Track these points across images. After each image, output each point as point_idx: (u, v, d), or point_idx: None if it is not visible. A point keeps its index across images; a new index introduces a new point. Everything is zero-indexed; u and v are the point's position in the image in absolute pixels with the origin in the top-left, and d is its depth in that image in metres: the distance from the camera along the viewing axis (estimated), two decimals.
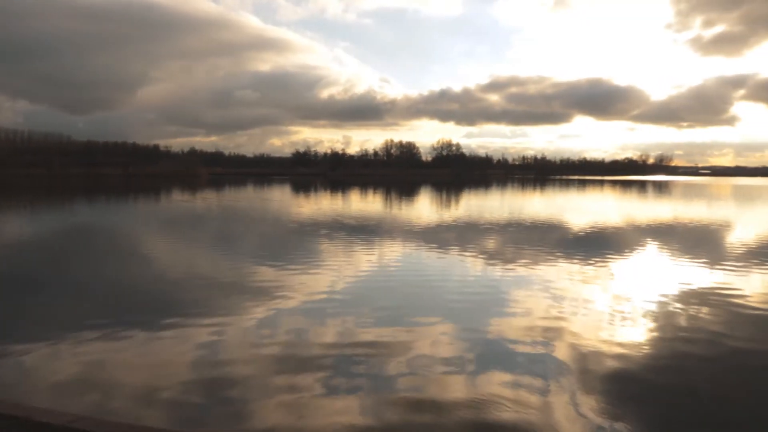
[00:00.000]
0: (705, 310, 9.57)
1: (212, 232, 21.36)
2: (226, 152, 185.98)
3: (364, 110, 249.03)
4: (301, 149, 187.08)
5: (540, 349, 7.45)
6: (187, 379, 6.30)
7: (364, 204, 38.72)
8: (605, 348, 7.49)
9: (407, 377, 6.42)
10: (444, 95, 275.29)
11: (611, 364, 6.93)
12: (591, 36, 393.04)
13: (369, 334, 8.00)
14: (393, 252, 15.87)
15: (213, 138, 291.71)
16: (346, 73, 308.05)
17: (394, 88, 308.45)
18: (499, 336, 8.00)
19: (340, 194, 52.98)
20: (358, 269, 13.14)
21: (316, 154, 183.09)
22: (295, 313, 9.12)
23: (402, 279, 12.11)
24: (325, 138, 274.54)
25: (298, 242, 18.30)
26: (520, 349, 7.46)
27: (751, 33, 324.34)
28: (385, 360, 6.96)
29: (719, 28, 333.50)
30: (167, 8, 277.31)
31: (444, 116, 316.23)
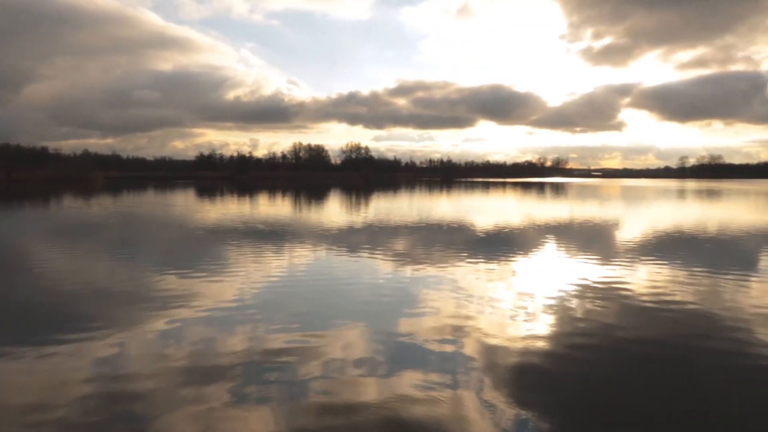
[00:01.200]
0: (598, 302, 10.27)
1: (109, 240, 20.15)
2: (124, 155, 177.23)
3: (271, 112, 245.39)
4: (206, 152, 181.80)
5: (450, 346, 7.67)
6: (84, 398, 5.91)
7: (273, 208, 38.09)
8: (510, 342, 7.85)
9: (321, 381, 6.39)
10: (352, 98, 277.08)
11: (516, 356, 7.27)
12: (493, 44, 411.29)
13: (281, 340, 7.88)
14: (304, 256, 15.73)
15: (109, 140, 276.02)
16: (253, 74, 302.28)
17: (302, 91, 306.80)
18: (411, 335, 8.15)
19: (247, 198, 51.76)
20: (268, 275, 12.90)
21: (221, 157, 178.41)
22: (203, 323, 8.81)
23: (313, 283, 12.03)
24: (231, 140, 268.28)
25: (204, 249, 17.68)
26: (431, 347, 7.65)
27: (635, 45, 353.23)
28: (298, 365, 6.89)
29: (607, 40, 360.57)
30: (55, 1, 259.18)
31: (353, 119, 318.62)
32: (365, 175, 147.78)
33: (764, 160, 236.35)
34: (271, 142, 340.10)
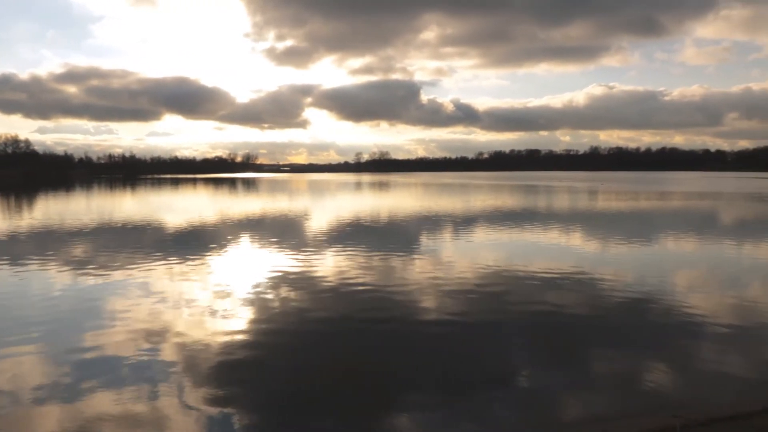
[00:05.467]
0: (292, 290, 10.91)
1: None
2: None
3: None
4: None
5: (146, 354, 7.22)
6: None
7: None
8: (211, 339, 7.78)
9: None
10: (6, 82, 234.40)
11: (217, 353, 7.26)
12: (177, 35, 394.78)
13: None
14: None
15: None
16: None
17: None
18: (99, 350, 7.40)
19: None
20: None
21: None
22: None
23: None
24: None
25: None
26: (125, 358, 7.08)
27: (314, 50, 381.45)
28: None
29: (289, 42, 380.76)
30: None
31: (7, 107, 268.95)
32: (27, 172, 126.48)
33: (421, 156, 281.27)
34: None
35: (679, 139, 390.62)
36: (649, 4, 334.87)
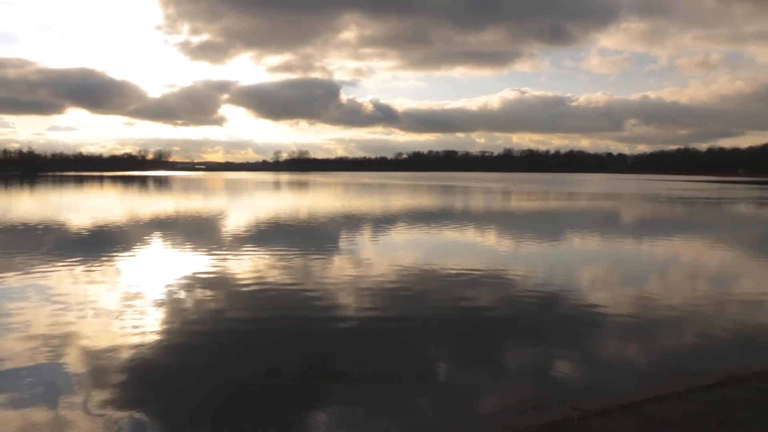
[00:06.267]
0: (206, 292, 10.59)
1: None
2: None
3: None
4: None
5: (46, 363, 6.79)
6: None
7: None
8: (118, 344, 7.42)
9: None
10: None
11: (128, 359, 6.93)
12: (82, 23, 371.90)
13: None
14: None
15: None
16: None
17: None
18: None
19: None
20: None
21: None
22: None
23: None
24: None
25: None
26: (22, 368, 6.62)
27: (230, 45, 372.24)
28: None
29: (204, 37, 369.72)
30: None
31: None
32: None
33: (340, 156, 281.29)
34: None
35: (585, 143, 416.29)
36: (558, 13, 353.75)
